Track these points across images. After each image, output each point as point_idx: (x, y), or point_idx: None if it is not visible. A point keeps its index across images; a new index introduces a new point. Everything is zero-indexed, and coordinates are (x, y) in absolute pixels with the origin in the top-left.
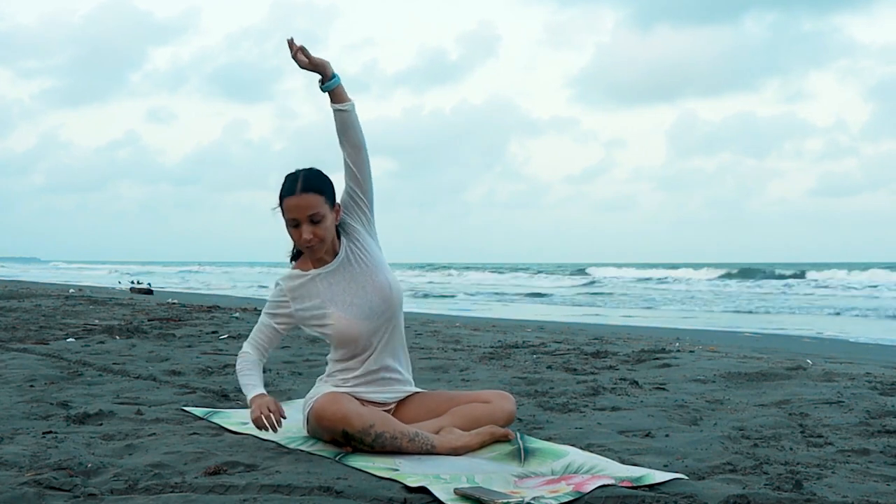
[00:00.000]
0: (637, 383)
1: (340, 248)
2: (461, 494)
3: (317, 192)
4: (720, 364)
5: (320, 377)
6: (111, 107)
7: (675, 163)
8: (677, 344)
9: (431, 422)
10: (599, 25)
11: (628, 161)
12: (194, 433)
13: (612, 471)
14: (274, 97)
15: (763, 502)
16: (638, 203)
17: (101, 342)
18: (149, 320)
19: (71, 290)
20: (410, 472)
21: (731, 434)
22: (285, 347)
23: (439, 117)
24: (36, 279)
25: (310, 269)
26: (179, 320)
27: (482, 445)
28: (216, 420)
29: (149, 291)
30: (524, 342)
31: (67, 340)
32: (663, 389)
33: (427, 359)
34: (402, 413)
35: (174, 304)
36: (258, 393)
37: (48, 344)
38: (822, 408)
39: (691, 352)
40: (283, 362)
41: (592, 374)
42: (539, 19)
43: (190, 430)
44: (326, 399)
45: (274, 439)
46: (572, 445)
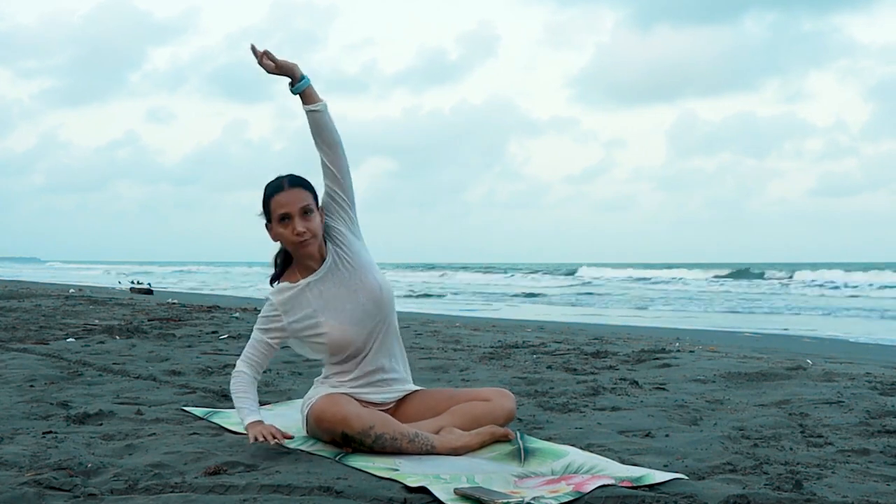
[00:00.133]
0: (637, 383)
1: (327, 253)
2: (461, 494)
3: (304, 187)
4: (720, 364)
5: (317, 378)
6: (111, 107)
7: (675, 163)
8: (677, 344)
9: (431, 421)
10: (599, 25)
11: (628, 161)
12: (194, 433)
13: (612, 471)
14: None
15: (763, 502)
16: (638, 203)
17: (101, 342)
18: (149, 320)
19: (71, 290)
20: (410, 472)
21: (731, 434)
22: (286, 347)
23: (439, 117)
24: (34, 279)
25: (298, 279)
26: (179, 320)
27: (482, 445)
28: (216, 420)
29: (149, 291)
30: (524, 342)
31: (67, 340)
32: (663, 389)
33: (427, 359)
34: (401, 412)
35: (174, 304)
36: (254, 420)
37: (48, 344)
38: (822, 408)
39: (691, 352)
40: (283, 362)
41: (592, 374)
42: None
43: (190, 430)
44: (326, 401)
45: None
46: (572, 445)
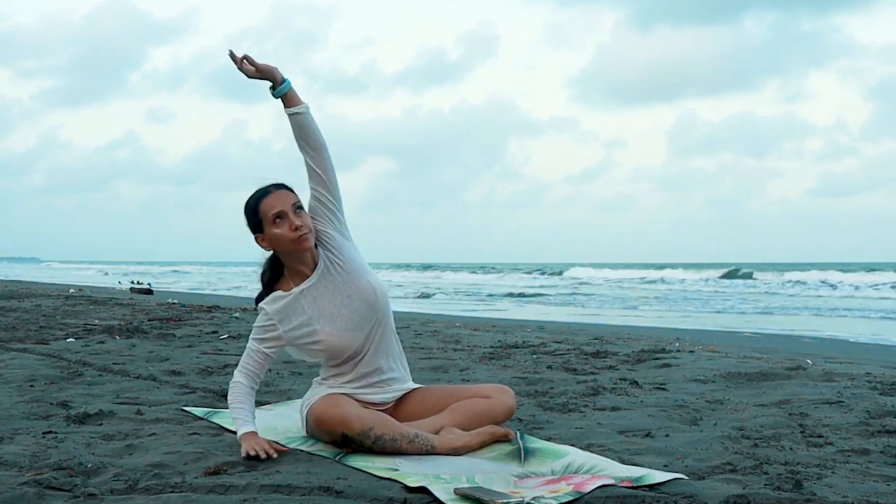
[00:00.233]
0: (637, 383)
1: (319, 259)
2: (461, 494)
3: (289, 189)
4: (720, 364)
5: (316, 379)
6: (111, 107)
7: (675, 163)
8: (677, 344)
9: (431, 420)
10: (599, 25)
11: (628, 161)
12: (194, 433)
13: (612, 471)
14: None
15: (763, 502)
16: (638, 203)
17: (101, 342)
18: (149, 320)
19: (71, 290)
20: (410, 472)
21: (731, 434)
22: None
23: (439, 117)
24: (33, 279)
25: (291, 287)
26: (179, 320)
27: (482, 445)
28: (216, 420)
29: (149, 291)
30: (524, 342)
31: (67, 340)
32: (663, 389)
33: (427, 359)
34: (401, 410)
35: (174, 304)
36: (248, 431)
37: (48, 344)
38: (822, 408)
39: (691, 352)
40: (283, 362)
41: (592, 374)
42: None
43: (190, 430)
44: (325, 402)
45: (274, 439)
46: (572, 445)
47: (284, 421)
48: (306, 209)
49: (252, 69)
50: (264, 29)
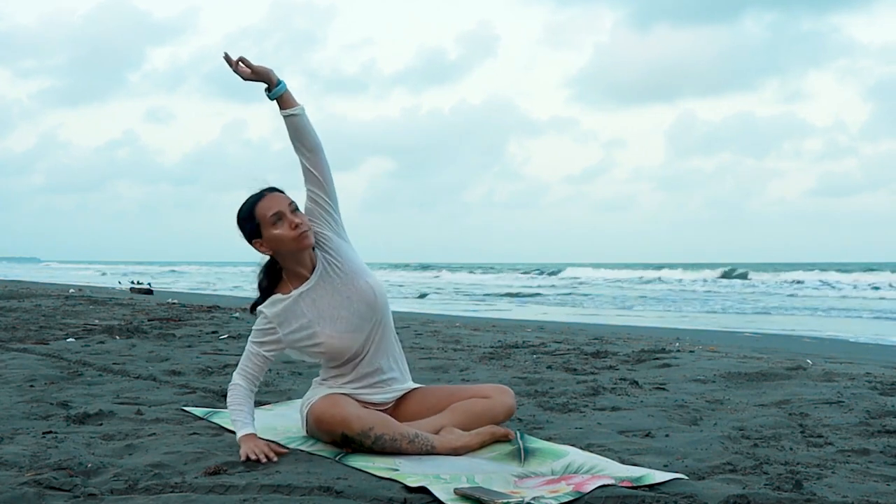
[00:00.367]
0: (637, 383)
1: (317, 261)
2: (461, 494)
3: (282, 192)
4: (720, 364)
5: (315, 379)
6: (110, 107)
7: (675, 163)
8: (677, 344)
9: (431, 420)
10: (598, 25)
11: (628, 161)
12: (194, 433)
13: (612, 471)
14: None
15: (763, 502)
16: (637, 203)
17: (101, 342)
18: (149, 320)
19: (71, 290)
20: (410, 472)
21: (731, 434)
22: None
23: (438, 117)
24: (33, 279)
25: (290, 290)
26: (179, 320)
27: (482, 445)
28: (216, 420)
29: (149, 291)
30: (524, 342)
31: (67, 340)
32: (663, 389)
33: (427, 359)
34: (401, 410)
35: (174, 304)
36: (248, 433)
37: (48, 344)
38: (822, 408)
39: (691, 352)
40: (284, 362)
41: (592, 374)
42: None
43: (190, 430)
44: (325, 402)
45: (274, 439)
46: (572, 445)
47: (284, 421)
48: (301, 210)
49: (248, 71)
50: (263, 29)
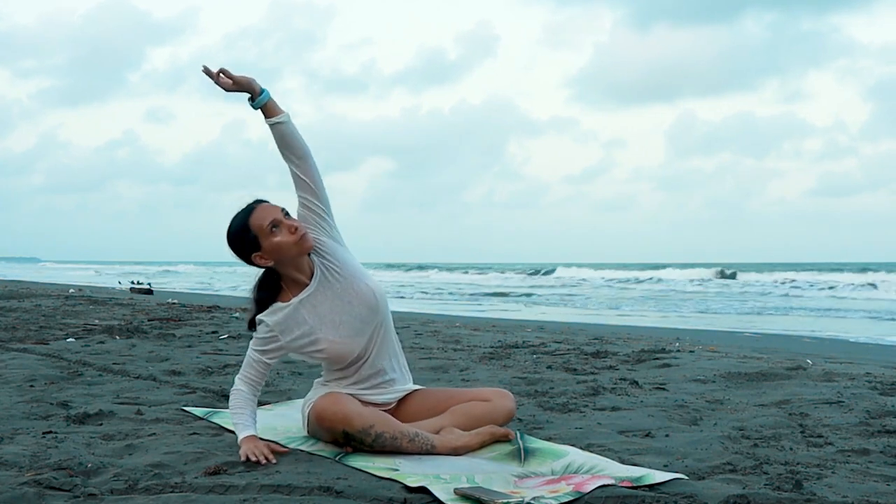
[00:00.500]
0: (637, 383)
1: (315, 267)
2: (461, 494)
3: (269, 202)
4: (720, 364)
5: (317, 380)
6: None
7: (675, 163)
8: (677, 344)
9: (431, 421)
10: (598, 25)
11: (627, 161)
12: (194, 433)
13: (612, 471)
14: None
15: (763, 502)
16: (637, 203)
17: (101, 342)
18: (149, 320)
19: (71, 290)
20: (410, 472)
21: (731, 434)
22: None
23: (438, 117)
24: (32, 279)
25: (290, 298)
26: (179, 320)
27: (482, 445)
28: (216, 420)
29: (149, 291)
30: (524, 342)
31: (67, 340)
32: (663, 389)
33: (427, 359)
34: (402, 411)
35: (174, 304)
36: (248, 434)
37: (48, 344)
38: (822, 408)
39: (691, 352)
40: (284, 363)
41: (592, 374)
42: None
43: (190, 430)
44: (327, 399)
45: (274, 439)
46: (572, 445)
47: (284, 421)
48: (294, 216)
49: (229, 82)
50: (263, 29)
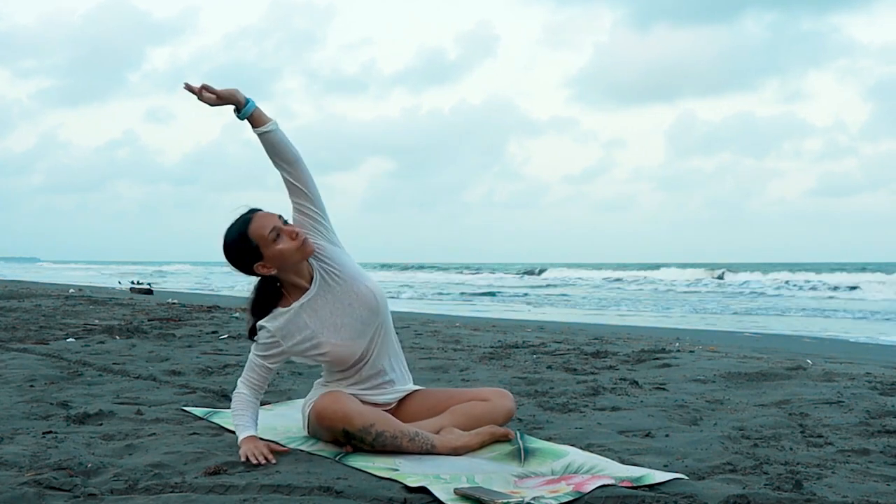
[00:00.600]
0: (637, 383)
1: (314, 271)
2: (461, 494)
3: (262, 209)
4: (720, 364)
5: (317, 381)
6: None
7: (675, 163)
8: (677, 344)
9: (431, 421)
10: (598, 25)
11: (627, 161)
12: (194, 433)
13: (612, 471)
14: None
15: (763, 502)
16: (637, 203)
17: (101, 342)
18: (149, 320)
19: (71, 290)
20: (410, 472)
21: (731, 434)
22: None
23: (438, 117)
24: (32, 279)
25: (290, 303)
26: (179, 320)
27: (482, 445)
28: (216, 420)
29: (149, 291)
30: (524, 342)
31: (67, 340)
32: (663, 389)
33: (427, 359)
34: (401, 411)
35: (174, 304)
36: (248, 435)
37: (48, 344)
38: (822, 408)
39: (691, 352)
40: (284, 363)
41: (592, 374)
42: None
43: (190, 430)
44: (328, 398)
45: (274, 439)
46: (572, 445)
47: (284, 421)
48: (290, 221)
49: (213, 97)
50: (263, 28)
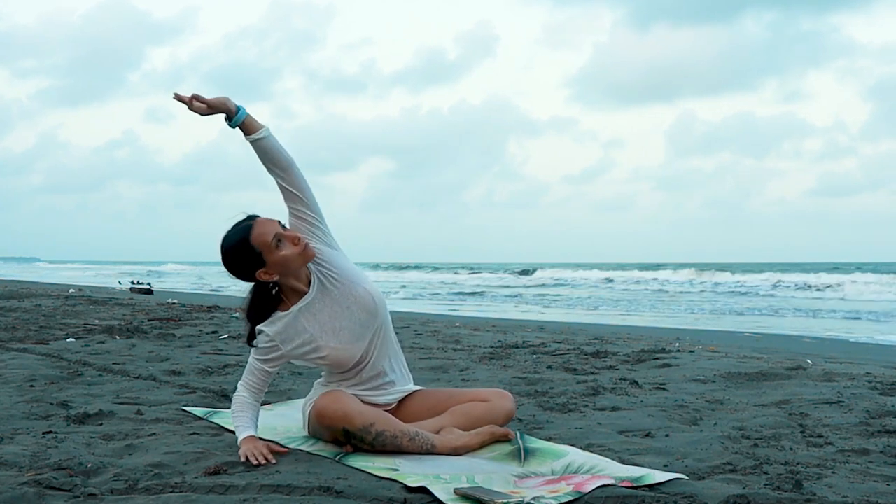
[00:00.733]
0: (637, 383)
1: (312, 275)
2: (461, 494)
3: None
4: (720, 364)
5: (318, 381)
6: (110, 107)
7: (674, 163)
8: (677, 344)
9: (431, 421)
10: (597, 25)
11: (627, 161)
12: (194, 433)
13: (612, 471)
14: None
15: (763, 502)
16: (637, 203)
17: (101, 342)
18: (149, 320)
19: (71, 290)
20: (410, 472)
21: (731, 434)
22: None
23: (438, 117)
24: (32, 279)
25: (289, 307)
26: (179, 320)
27: (482, 445)
28: (216, 420)
29: (149, 291)
30: (524, 342)
31: (67, 340)
32: (663, 389)
33: (427, 359)
34: (402, 411)
35: (174, 304)
36: (248, 435)
37: (48, 344)
38: (822, 408)
39: (691, 352)
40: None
41: (592, 374)
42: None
43: (190, 430)
44: (328, 397)
45: (274, 439)
46: (572, 445)
47: (284, 421)
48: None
49: (203, 106)
50: (263, 28)
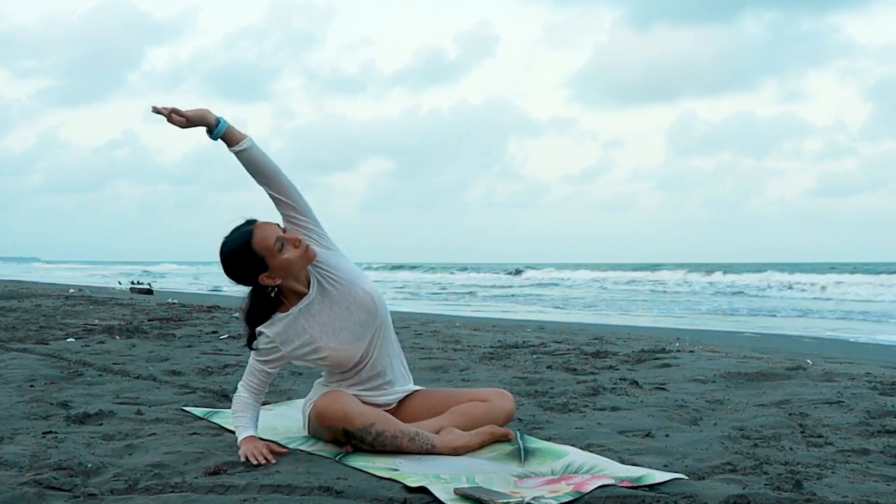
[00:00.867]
0: (637, 383)
1: (311, 276)
2: (461, 494)
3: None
4: (720, 364)
5: (318, 381)
6: (109, 106)
7: (674, 163)
8: (677, 344)
9: (431, 421)
10: (597, 25)
11: (627, 161)
12: (194, 433)
13: (612, 471)
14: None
15: (763, 502)
16: (637, 203)
17: (101, 342)
18: (149, 320)
19: (71, 290)
20: (410, 472)
21: (731, 434)
22: None
23: (437, 117)
24: (32, 279)
25: (289, 308)
26: (179, 320)
27: (482, 445)
28: (216, 420)
29: (149, 291)
30: (524, 342)
31: (67, 340)
32: (663, 389)
33: (427, 359)
34: (402, 411)
35: (174, 304)
36: (247, 435)
37: (48, 344)
38: (822, 408)
39: (691, 352)
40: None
41: (592, 374)
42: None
43: (190, 430)
44: (328, 397)
45: (274, 439)
46: (572, 445)
47: (284, 421)
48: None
49: (182, 120)
50: (262, 28)
